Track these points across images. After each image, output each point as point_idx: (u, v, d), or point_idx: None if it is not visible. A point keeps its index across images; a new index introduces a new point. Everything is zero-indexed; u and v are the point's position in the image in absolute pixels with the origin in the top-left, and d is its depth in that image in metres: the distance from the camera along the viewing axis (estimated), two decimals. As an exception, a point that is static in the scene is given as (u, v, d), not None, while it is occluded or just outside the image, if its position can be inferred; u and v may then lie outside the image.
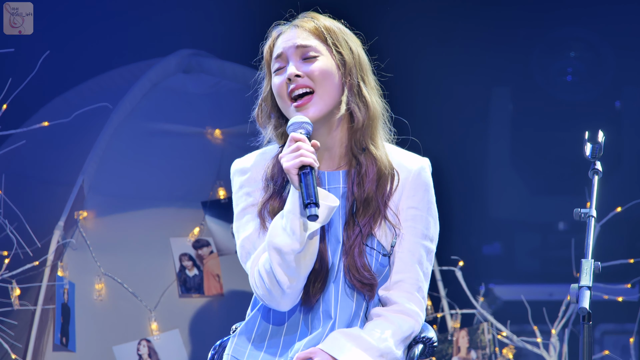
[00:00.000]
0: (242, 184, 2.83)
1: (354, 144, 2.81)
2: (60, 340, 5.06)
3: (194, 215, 5.47)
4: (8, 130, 4.75)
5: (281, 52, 2.80)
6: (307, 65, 2.78)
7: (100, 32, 6.08)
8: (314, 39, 2.80)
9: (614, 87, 6.32)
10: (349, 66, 2.81)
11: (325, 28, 2.82)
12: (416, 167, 2.85)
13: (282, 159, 2.66)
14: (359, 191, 2.78)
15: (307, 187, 2.61)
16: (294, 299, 2.72)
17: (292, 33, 2.81)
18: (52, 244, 5.03)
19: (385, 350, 2.73)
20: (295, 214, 2.65)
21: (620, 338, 6.10)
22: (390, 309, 2.80)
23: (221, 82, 5.65)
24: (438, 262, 5.49)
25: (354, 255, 2.76)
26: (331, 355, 2.69)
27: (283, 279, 2.68)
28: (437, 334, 5.41)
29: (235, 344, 2.82)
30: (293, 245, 2.65)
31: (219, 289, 5.44)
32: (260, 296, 2.73)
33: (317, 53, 2.79)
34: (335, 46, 2.80)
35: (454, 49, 6.16)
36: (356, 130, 2.80)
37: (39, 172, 5.45)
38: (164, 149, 5.48)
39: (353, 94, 2.80)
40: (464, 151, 6.31)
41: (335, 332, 2.74)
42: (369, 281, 2.77)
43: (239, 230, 2.81)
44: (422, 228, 2.84)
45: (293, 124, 2.71)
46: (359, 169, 2.80)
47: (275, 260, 2.67)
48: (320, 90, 2.77)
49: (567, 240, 5.60)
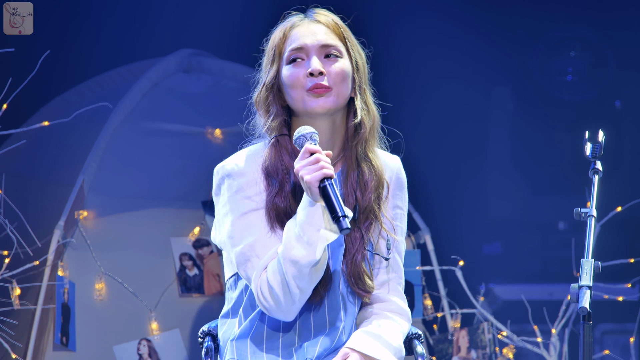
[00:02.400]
0: (241, 187, 2.77)
1: (359, 150, 2.80)
2: (61, 340, 5.06)
3: (194, 215, 5.47)
4: (8, 130, 4.75)
5: (303, 46, 2.78)
6: (328, 64, 2.78)
7: (100, 32, 6.08)
8: (336, 39, 2.80)
9: (614, 87, 6.32)
10: (361, 71, 2.83)
11: (345, 30, 2.83)
12: (396, 167, 2.89)
13: (301, 171, 2.63)
14: (362, 199, 2.79)
15: (336, 199, 2.61)
16: (300, 308, 2.72)
17: (313, 28, 2.80)
18: (52, 244, 5.03)
19: (397, 347, 2.79)
20: (312, 225, 2.63)
21: (621, 338, 6.10)
22: (386, 308, 2.83)
23: (221, 82, 5.65)
24: (438, 262, 5.49)
25: (356, 261, 2.77)
26: (364, 353, 2.71)
27: (296, 290, 2.67)
28: (437, 334, 5.42)
29: (236, 347, 2.82)
30: (309, 257, 2.63)
31: (219, 289, 5.44)
32: (266, 307, 2.70)
33: (339, 54, 2.79)
34: (352, 50, 2.82)
35: (454, 49, 6.16)
36: (362, 137, 2.80)
37: (39, 172, 5.45)
38: (164, 149, 5.47)
39: (363, 101, 2.82)
40: (464, 151, 6.32)
41: (358, 331, 2.77)
42: (369, 288, 2.79)
43: (239, 235, 2.75)
44: (403, 226, 2.88)
45: (301, 135, 2.69)
46: (361, 177, 2.80)
47: (290, 272, 2.65)
48: (336, 90, 2.77)
49: (567, 240, 5.60)
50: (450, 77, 6.17)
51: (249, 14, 5.97)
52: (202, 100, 5.63)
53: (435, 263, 5.47)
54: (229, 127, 5.55)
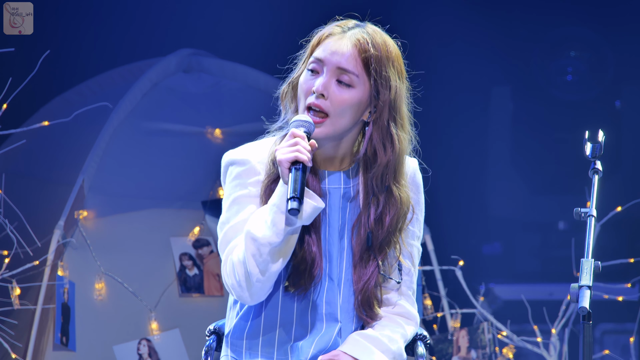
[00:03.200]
0: (239, 175, 2.77)
1: (375, 184, 2.73)
2: (61, 340, 5.06)
3: (194, 215, 5.47)
4: (8, 130, 4.75)
5: (322, 59, 2.71)
6: (336, 89, 2.69)
7: (100, 32, 6.09)
8: (358, 64, 2.70)
9: (614, 87, 6.32)
10: (381, 106, 2.72)
11: (376, 58, 2.71)
12: (411, 169, 2.84)
13: (278, 151, 2.63)
14: (377, 229, 2.75)
15: (295, 182, 2.59)
16: (259, 294, 2.68)
17: (342, 44, 2.71)
18: (52, 244, 5.03)
19: (397, 352, 2.76)
20: (279, 207, 2.62)
21: (620, 337, 6.10)
22: (393, 311, 2.82)
23: (221, 82, 5.65)
24: (438, 262, 5.49)
25: (368, 289, 2.75)
26: (355, 357, 2.70)
27: (254, 270, 2.64)
28: (437, 334, 5.42)
29: (232, 344, 2.82)
30: (271, 238, 2.62)
31: (219, 289, 5.44)
32: (229, 286, 2.69)
33: (352, 83, 2.70)
34: (376, 82, 2.71)
35: (454, 49, 6.17)
36: (379, 169, 2.73)
37: (39, 172, 5.45)
38: (164, 149, 5.47)
39: (379, 133, 2.73)
40: (464, 151, 6.32)
41: (354, 335, 2.76)
42: (376, 317, 2.78)
43: (227, 219, 2.76)
44: (416, 230, 2.84)
45: (296, 120, 2.68)
46: (377, 207, 2.75)
47: (249, 250, 2.64)
48: (334, 119, 2.70)
49: (567, 239, 5.60)
50: (450, 77, 6.17)
51: (249, 14, 5.97)
52: (202, 100, 5.63)
53: (435, 263, 5.46)
54: (229, 127, 5.55)
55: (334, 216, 2.79)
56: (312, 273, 2.73)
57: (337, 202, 2.80)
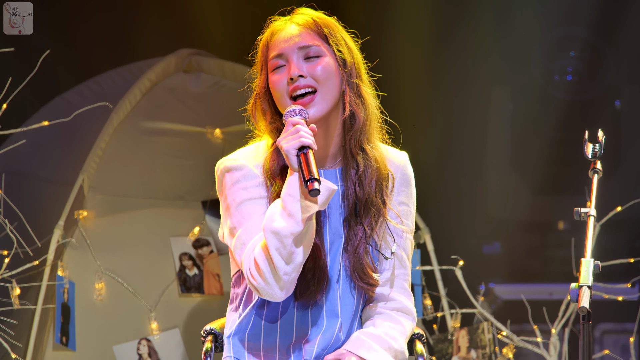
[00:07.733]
0: (238, 180, 2.78)
1: (353, 144, 2.80)
2: (61, 340, 5.06)
3: (194, 215, 5.47)
4: (8, 129, 4.75)
5: (282, 52, 2.78)
6: (309, 65, 2.77)
7: (100, 32, 6.09)
8: (315, 38, 2.79)
9: (614, 87, 6.32)
10: (349, 65, 2.80)
11: (325, 26, 2.81)
12: (402, 162, 2.88)
13: (281, 142, 2.64)
14: (360, 192, 2.78)
15: (308, 164, 2.60)
16: (288, 287, 2.68)
17: (291, 31, 2.80)
18: (52, 244, 5.03)
19: (398, 349, 2.78)
20: (293, 196, 2.62)
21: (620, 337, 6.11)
22: (391, 307, 2.83)
23: (221, 82, 5.65)
24: (438, 262, 5.49)
25: (359, 255, 2.77)
26: (361, 356, 2.71)
27: (280, 263, 2.64)
28: (437, 334, 5.42)
29: (233, 344, 2.82)
30: (291, 228, 2.62)
31: (219, 289, 5.44)
32: (255, 286, 2.68)
33: (319, 53, 2.78)
34: (336, 45, 2.80)
35: (454, 49, 6.17)
36: (356, 130, 2.79)
37: (39, 172, 5.45)
38: (164, 149, 5.48)
39: (354, 93, 2.80)
40: (464, 151, 6.32)
41: (358, 333, 2.78)
42: (374, 282, 2.78)
43: (237, 224, 2.76)
44: (410, 223, 2.87)
45: (289, 111, 2.71)
46: (358, 170, 2.79)
47: (272, 245, 2.63)
48: (323, 89, 2.76)
49: (567, 239, 5.59)
50: (450, 76, 6.17)
51: (249, 14, 5.97)
52: (202, 100, 5.63)
53: (435, 263, 5.46)
54: (229, 127, 5.55)
55: (335, 215, 2.80)
56: (321, 283, 2.75)
57: (337, 201, 2.81)
